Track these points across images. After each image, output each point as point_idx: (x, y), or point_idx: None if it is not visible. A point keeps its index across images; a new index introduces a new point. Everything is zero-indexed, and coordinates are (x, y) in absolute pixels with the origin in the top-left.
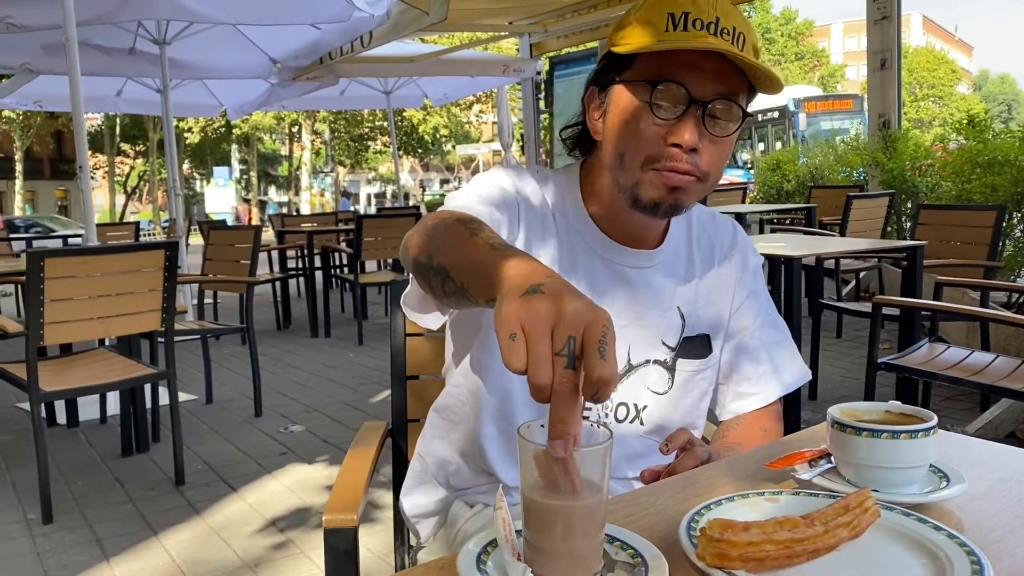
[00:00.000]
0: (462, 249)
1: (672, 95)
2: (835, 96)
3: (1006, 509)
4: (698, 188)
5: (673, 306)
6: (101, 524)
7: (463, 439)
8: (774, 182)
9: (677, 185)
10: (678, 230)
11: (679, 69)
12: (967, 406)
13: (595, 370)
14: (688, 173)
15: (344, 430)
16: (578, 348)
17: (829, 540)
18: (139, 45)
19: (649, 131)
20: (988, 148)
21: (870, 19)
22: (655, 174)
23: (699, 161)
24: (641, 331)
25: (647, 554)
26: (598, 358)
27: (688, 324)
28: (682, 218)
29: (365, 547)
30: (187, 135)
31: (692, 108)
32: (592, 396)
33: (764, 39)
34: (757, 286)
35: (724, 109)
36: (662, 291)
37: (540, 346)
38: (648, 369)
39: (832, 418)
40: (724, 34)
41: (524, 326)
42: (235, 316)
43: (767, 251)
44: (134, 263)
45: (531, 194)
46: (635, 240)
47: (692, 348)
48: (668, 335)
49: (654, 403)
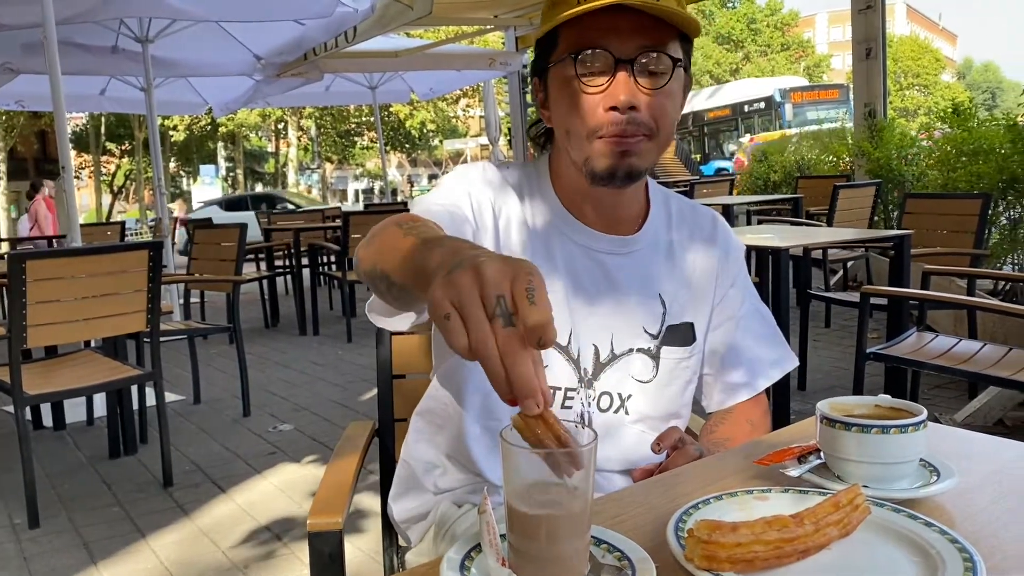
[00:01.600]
0: (397, 251)
1: (598, 61)
2: (821, 86)
3: (997, 502)
4: (649, 146)
5: (654, 293)
6: (88, 527)
7: (448, 441)
8: (761, 173)
9: (624, 148)
10: (657, 218)
11: (597, 35)
12: (955, 394)
13: (529, 317)
14: (632, 134)
15: (334, 428)
16: (510, 304)
17: (819, 539)
18: (121, 43)
19: (585, 102)
20: (973, 136)
21: (854, 9)
22: (602, 142)
23: (641, 118)
24: (622, 319)
25: (634, 556)
26: (529, 305)
27: (670, 312)
28: (661, 205)
29: (355, 546)
30: (172, 133)
31: (620, 68)
32: (536, 343)
33: (749, 30)
34: (740, 275)
35: (653, 61)
36: (642, 278)
37: (473, 316)
38: (632, 358)
39: (821, 413)
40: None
41: (453, 303)
42: (222, 315)
43: (754, 242)
44: (118, 264)
45: (499, 189)
46: (610, 225)
47: (676, 336)
48: (650, 322)
49: (639, 392)
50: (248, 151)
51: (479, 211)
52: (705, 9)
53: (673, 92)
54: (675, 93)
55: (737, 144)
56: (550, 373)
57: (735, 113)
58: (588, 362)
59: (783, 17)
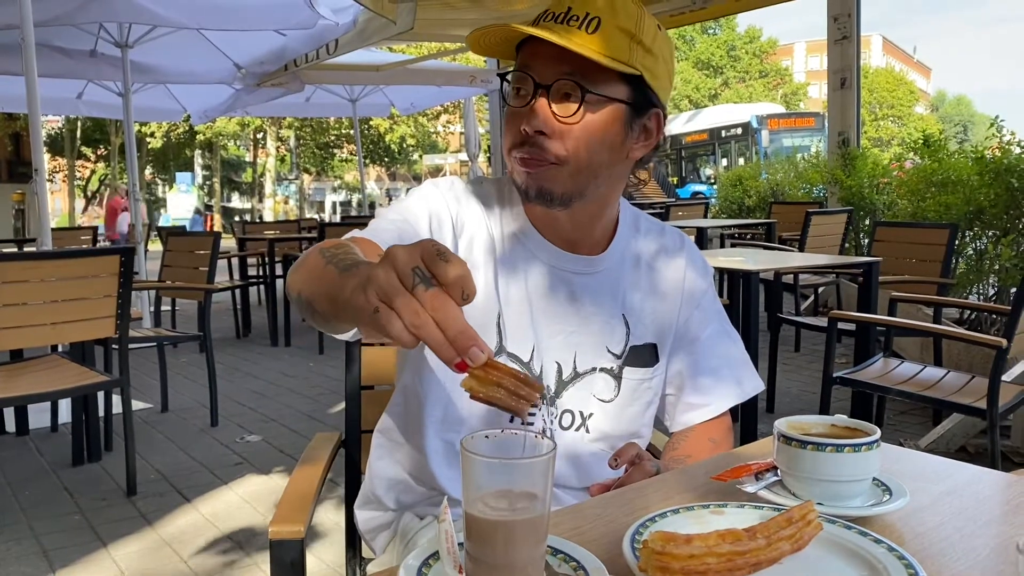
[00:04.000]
0: (319, 280)
1: (522, 83)
2: (797, 114)
3: (947, 522)
4: (559, 172)
5: (618, 313)
6: (48, 535)
7: (409, 458)
8: (735, 197)
9: (527, 168)
10: (625, 238)
11: (527, 58)
12: (920, 420)
13: (447, 272)
14: (533, 158)
15: (301, 440)
16: (425, 270)
17: (771, 553)
18: (100, 48)
19: (509, 121)
20: (942, 167)
21: (831, 39)
22: (515, 161)
23: (551, 145)
24: (587, 337)
25: (589, 566)
26: (444, 263)
27: (633, 332)
28: (630, 227)
29: (318, 558)
30: (149, 140)
31: (538, 93)
32: (461, 297)
33: (729, 56)
34: (706, 297)
35: (565, 87)
36: (607, 298)
37: (398, 297)
38: (594, 377)
39: (778, 431)
40: (572, 21)
41: (378, 296)
42: (193, 324)
43: (726, 265)
44: (88, 268)
45: (464, 205)
46: (576, 243)
47: (639, 357)
48: (613, 342)
49: (600, 411)
50: (226, 160)
51: (438, 229)
52: (686, 34)
53: (591, 125)
54: (592, 126)
55: (713, 168)
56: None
57: (712, 138)
58: (551, 379)
59: (762, 45)
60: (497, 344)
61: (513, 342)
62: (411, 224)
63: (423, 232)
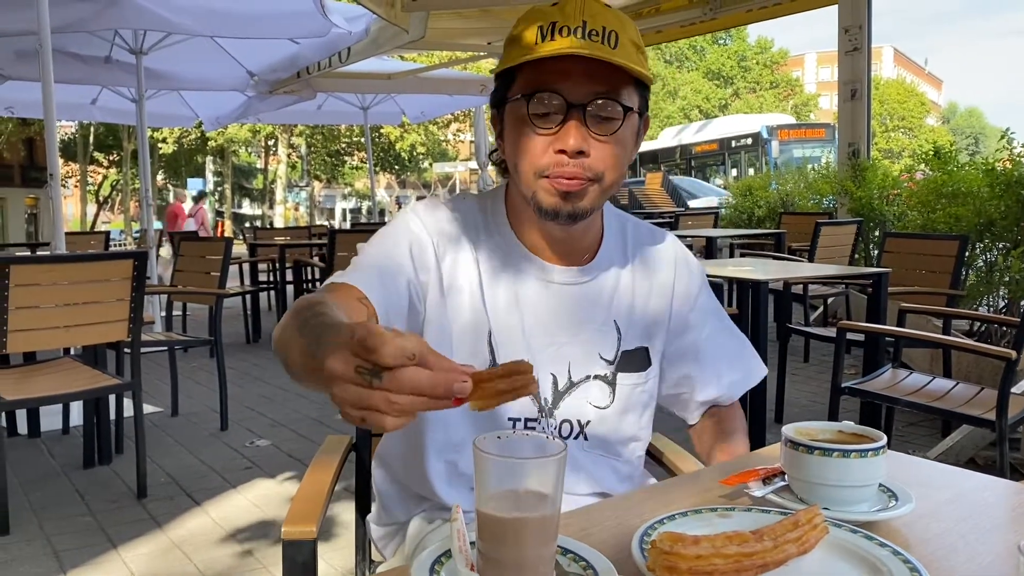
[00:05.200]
0: (293, 349)
1: (551, 103)
2: (807, 125)
3: (952, 528)
4: (594, 190)
5: (609, 320)
6: (60, 536)
7: (414, 480)
8: (745, 207)
9: (567, 190)
10: (613, 244)
11: (552, 77)
12: (929, 432)
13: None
14: (576, 177)
15: (310, 445)
16: (367, 365)
17: (777, 555)
18: (115, 54)
19: (535, 142)
20: (952, 179)
21: (841, 50)
22: (547, 182)
23: (588, 163)
24: (579, 347)
25: (598, 566)
26: (375, 351)
27: (625, 337)
28: (617, 232)
29: (328, 563)
30: (161, 146)
31: (571, 112)
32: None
33: (740, 67)
34: (701, 297)
35: (604, 107)
36: (597, 306)
37: (367, 400)
38: (589, 385)
39: (786, 436)
40: (592, 36)
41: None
42: (204, 328)
43: (735, 275)
44: (101, 272)
45: (445, 230)
46: (564, 255)
47: (631, 362)
48: (605, 349)
49: (597, 418)
50: (237, 166)
51: (420, 257)
52: (696, 45)
53: (624, 139)
54: (626, 140)
55: (724, 178)
56: (510, 407)
57: (722, 148)
58: (548, 392)
59: (773, 55)
60: (490, 362)
61: (506, 358)
62: (392, 259)
63: (405, 265)
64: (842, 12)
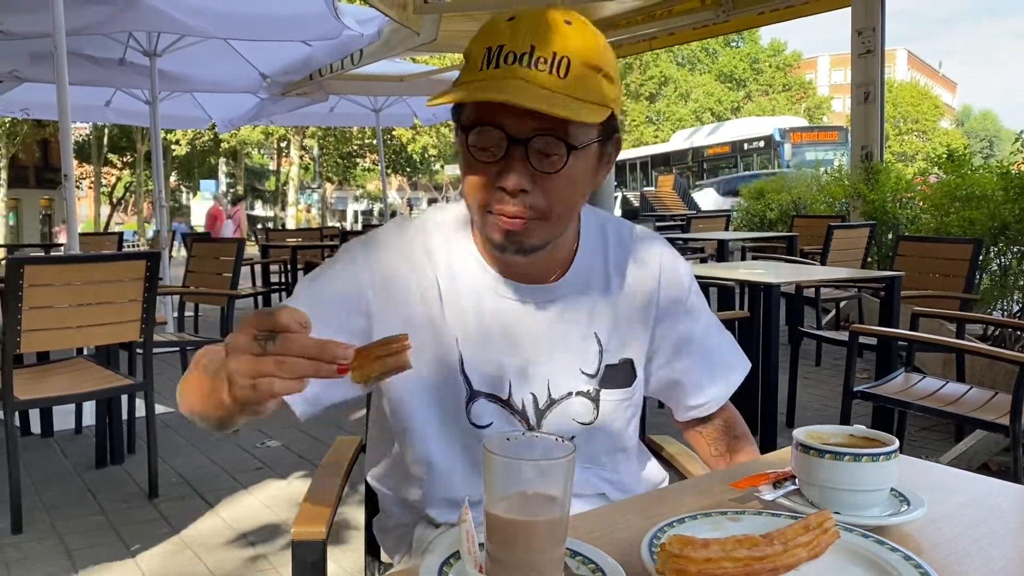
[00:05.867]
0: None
1: (492, 137)
2: (820, 127)
3: (964, 533)
4: (541, 227)
5: (590, 332)
6: (72, 535)
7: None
8: (757, 210)
9: (510, 228)
10: (590, 252)
11: (495, 110)
12: (942, 437)
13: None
14: (519, 216)
15: (321, 446)
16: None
17: (788, 559)
18: (129, 56)
19: (478, 177)
20: (966, 183)
21: (854, 53)
22: (491, 217)
23: (533, 201)
24: (558, 364)
25: (607, 568)
26: (271, 316)
27: (607, 348)
28: (595, 238)
29: (337, 563)
30: (175, 147)
31: (513, 148)
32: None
33: (752, 69)
34: (690, 298)
35: (548, 145)
36: (574, 321)
37: (259, 364)
38: (571, 401)
39: (797, 440)
40: (540, 64)
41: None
42: (216, 329)
43: (747, 278)
44: (115, 273)
45: (405, 258)
46: (531, 276)
47: (615, 377)
48: (586, 363)
49: (582, 433)
50: (249, 168)
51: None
52: (709, 47)
53: (573, 174)
54: (576, 174)
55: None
56: (495, 428)
57: (734, 150)
58: (530, 410)
59: (786, 58)
60: (468, 391)
61: (484, 384)
62: (340, 295)
63: (353, 304)
64: (855, 14)
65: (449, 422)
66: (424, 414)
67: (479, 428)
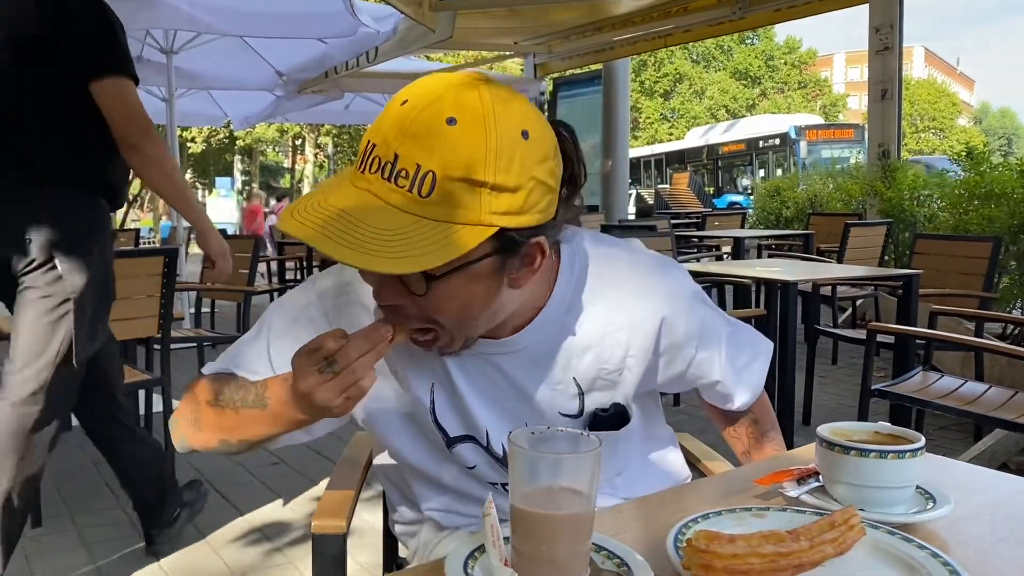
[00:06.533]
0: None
1: None
2: (836, 125)
3: (990, 531)
4: (440, 333)
5: (567, 377)
6: (90, 529)
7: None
8: (773, 208)
9: (414, 337)
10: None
11: None
12: (960, 436)
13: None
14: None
15: (338, 442)
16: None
17: (814, 556)
18: (146, 54)
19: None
20: (985, 180)
21: (872, 50)
22: None
23: (411, 313)
24: (531, 407)
25: (634, 564)
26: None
27: (590, 394)
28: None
29: (355, 559)
30: (190, 145)
31: None
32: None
33: (767, 66)
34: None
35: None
36: (543, 367)
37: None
38: None
39: (821, 437)
40: (400, 178)
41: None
42: (232, 325)
43: (764, 275)
44: (132, 269)
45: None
46: (493, 332)
47: (603, 422)
48: (564, 406)
49: None
50: (264, 165)
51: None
52: (724, 44)
53: (449, 293)
54: (453, 292)
55: (751, 179)
56: (480, 472)
57: (750, 148)
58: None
59: (801, 55)
60: (444, 440)
61: (459, 431)
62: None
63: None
64: (873, 11)
65: (438, 457)
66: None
67: (468, 468)
